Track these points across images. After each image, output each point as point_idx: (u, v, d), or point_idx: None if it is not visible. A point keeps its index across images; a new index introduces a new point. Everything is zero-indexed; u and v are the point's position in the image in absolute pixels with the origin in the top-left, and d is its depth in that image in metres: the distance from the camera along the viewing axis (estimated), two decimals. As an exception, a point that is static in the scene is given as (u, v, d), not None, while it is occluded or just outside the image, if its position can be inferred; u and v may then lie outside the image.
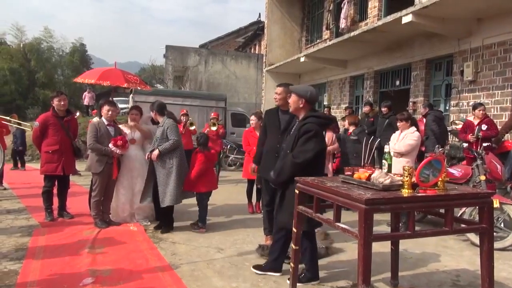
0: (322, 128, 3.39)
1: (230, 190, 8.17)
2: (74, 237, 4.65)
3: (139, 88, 6.48)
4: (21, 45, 30.90)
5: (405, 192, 2.42)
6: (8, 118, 7.10)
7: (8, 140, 10.24)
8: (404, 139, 5.28)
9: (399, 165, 4.88)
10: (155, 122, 5.83)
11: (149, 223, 5.31)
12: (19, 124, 7.35)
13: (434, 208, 2.79)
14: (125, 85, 6.06)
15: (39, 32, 33.16)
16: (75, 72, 28.42)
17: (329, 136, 6.04)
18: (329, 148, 5.92)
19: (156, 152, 4.81)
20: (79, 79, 6.48)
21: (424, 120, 7.42)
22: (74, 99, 26.58)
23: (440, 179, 2.53)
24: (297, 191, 3.08)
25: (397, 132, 5.57)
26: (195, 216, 5.23)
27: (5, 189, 7.61)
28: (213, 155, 5.41)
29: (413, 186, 2.49)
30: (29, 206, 6.10)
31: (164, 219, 5.09)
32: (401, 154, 5.14)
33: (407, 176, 2.46)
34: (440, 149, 2.61)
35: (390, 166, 3.19)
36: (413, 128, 5.40)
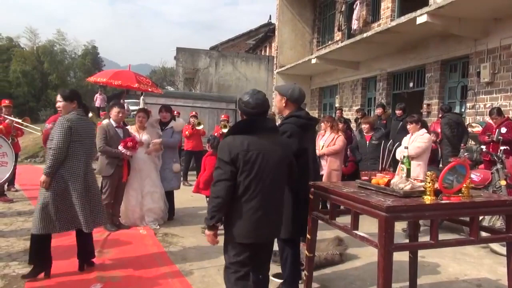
0: (301, 129, 3.09)
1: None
2: (84, 240, 4.58)
3: (149, 90, 6.41)
4: (35, 48, 31.28)
5: (428, 199, 2.30)
6: (20, 121, 7.10)
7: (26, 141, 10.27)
8: (413, 142, 5.14)
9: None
10: (163, 124, 5.78)
11: (158, 226, 5.24)
12: (24, 126, 7.34)
13: (459, 216, 2.65)
14: (136, 85, 5.97)
15: (52, 35, 33.58)
16: (87, 74, 28.67)
17: (335, 136, 5.88)
18: (332, 148, 5.76)
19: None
20: (91, 79, 6.46)
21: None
22: (86, 101, 26.78)
23: (464, 185, 2.41)
24: (311, 196, 2.97)
25: (408, 135, 5.43)
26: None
27: (16, 190, 7.62)
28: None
29: (436, 193, 2.37)
30: (39, 208, 6.07)
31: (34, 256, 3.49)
32: (411, 157, 4.99)
33: (429, 182, 2.34)
34: (466, 154, 2.47)
35: (409, 170, 3.05)
36: (423, 130, 5.25)
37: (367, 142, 6.22)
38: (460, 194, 2.40)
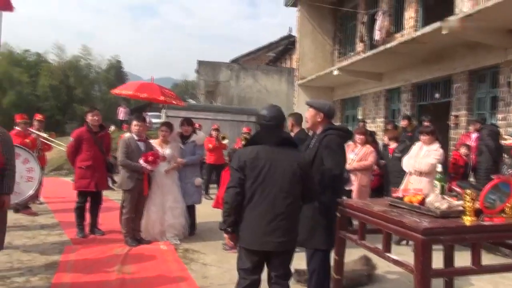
0: (343, 141, 3.18)
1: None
2: (104, 255, 4.55)
3: (174, 103, 6.40)
4: (61, 63, 32.25)
5: (468, 220, 2.12)
6: (47, 136, 7.26)
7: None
8: (425, 156, 4.81)
9: (420, 185, 4.45)
10: (184, 137, 5.73)
11: (179, 241, 5.15)
12: (50, 141, 7.48)
13: (504, 239, 2.45)
14: (161, 98, 5.97)
15: (78, 50, 34.61)
16: (110, 88, 29.33)
17: (367, 151, 5.71)
18: (363, 163, 5.59)
19: None
20: (116, 91, 6.48)
21: (473, 135, 6.93)
22: (110, 114, 27.40)
23: (508, 204, 2.22)
24: (338, 215, 2.82)
25: (417, 145, 5.03)
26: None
27: (41, 203, 7.70)
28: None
29: (476, 213, 2.19)
30: (62, 222, 6.09)
31: None
32: (421, 173, 4.73)
33: (469, 201, 2.16)
34: (510, 170, 2.29)
35: (443, 187, 2.87)
36: (437, 145, 4.89)
37: (390, 155, 6.00)
38: (503, 215, 2.21)
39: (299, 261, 4.24)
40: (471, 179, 6.51)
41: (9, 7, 4.44)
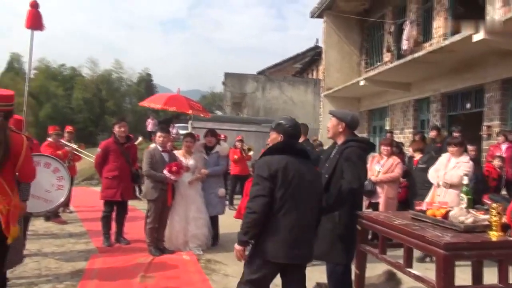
0: (364, 153, 3.09)
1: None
2: (128, 263, 4.62)
3: (202, 115, 6.54)
4: (94, 77, 33.52)
5: (494, 235, 2.02)
6: (76, 147, 7.55)
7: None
8: (456, 168, 4.62)
9: (449, 197, 4.32)
10: (208, 148, 5.79)
11: (202, 252, 5.17)
12: (79, 152, 7.79)
13: (534, 256, 2.31)
14: (190, 112, 6.13)
15: (110, 64, 35.94)
16: (140, 100, 30.16)
17: (393, 162, 5.57)
18: (389, 175, 5.46)
19: None
20: (145, 103, 6.66)
21: (503, 146, 6.65)
22: (139, 126, 28.10)
23: (538, 220, 2.10)
24: (359, 227, 2.76)
25: (444, 156, 4.85)
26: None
27: (71, 212, 7.95)
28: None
29: (503, 227, 2.08)
30: (90, 230, 6.25)
31: None
32: (450, 185, 4.55)
33: (495, 215, 2.06)
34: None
35: (470, 200, 2.76)
36: (467, 157, 4.72)
37: (414, 166, 5.83)
38: (532, 230, 2.09)
39: (320, 274, 4.18)
40: (503, 192, 6.23)
41: (40, 27, 4.69)
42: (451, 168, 4.61)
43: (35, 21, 4.62)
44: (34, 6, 4.60)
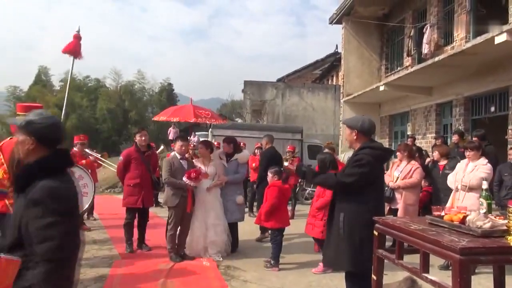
0: (376, 160, 3.04)
1: (306, 226, 7.81)
2: (150, 269, 4.71)
3: (213, 121, 6.85)
4: (118, 87, 34.32)
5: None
6: (99, 156, 7.83)
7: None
8: (474, 171, 4.58)
9: (468, 201, 4.30)
10: (227, 155, 5.85)
11: (221, 258, 5.21)
12: (102, 161, 8.12)
13: (554, 261, 2.25)
14: (193, 120, 6.49)
15: (133, 74, 36.76)
16: (162, 109, 30.68)
17: (411, 167, 5.49)
18: (407, 181, 5.38)
19: None
20: (156, 118, 7.07)
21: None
22: (162, 135, 28.55)
23: (559, 224, 2.05)
24: (376, 233, 2.74)
25: (463, 161, 4.85)
26: (268, 253, 5.02)
27: (95, 219, 8.16)
28: (287, 189, 5.22)
29: (522, 232, 2.04)
30: (113, 237, 6.40)
31: None
32: (470, 188, 4.48)
33: (513, 220, 2.03)
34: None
35: (489, 205, 2.70)
36: (485, 160, 4.68)
37: (439, 172, 5.73)
38: (553, 235, 2.04)
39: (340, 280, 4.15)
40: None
41: (79, 55, 5.66)
42: (469, 172, 4.57)
43: (76, 50, 5.58)
44: (78, 38, 5.61)
